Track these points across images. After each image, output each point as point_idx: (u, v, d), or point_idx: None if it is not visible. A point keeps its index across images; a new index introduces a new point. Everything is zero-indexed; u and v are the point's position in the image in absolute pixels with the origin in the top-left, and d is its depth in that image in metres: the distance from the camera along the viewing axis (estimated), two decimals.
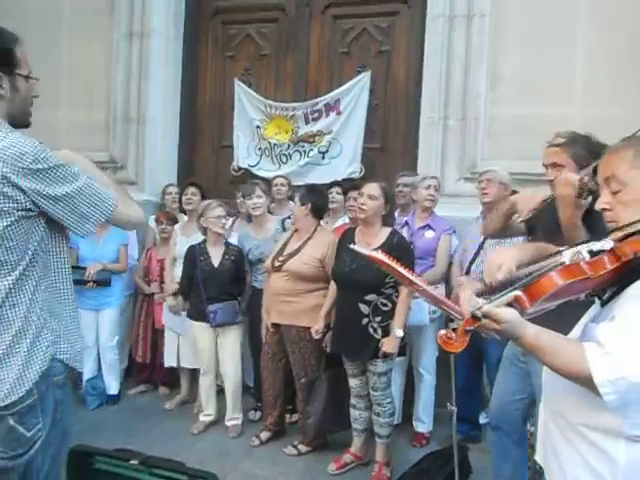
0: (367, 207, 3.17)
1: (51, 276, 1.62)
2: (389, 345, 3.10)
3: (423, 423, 3.75)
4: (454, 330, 1.33)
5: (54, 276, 1.63)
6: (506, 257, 1.52)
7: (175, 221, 4.42)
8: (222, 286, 3.76)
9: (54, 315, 1.62)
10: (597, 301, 1.47)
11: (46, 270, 1.60)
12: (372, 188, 3.20)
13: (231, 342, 3.83)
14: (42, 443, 1.58)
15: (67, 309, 1.67)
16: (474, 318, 1.31)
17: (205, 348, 3.87)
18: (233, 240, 4.06)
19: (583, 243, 1.42)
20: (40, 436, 1.57)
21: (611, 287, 1.40)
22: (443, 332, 1.34)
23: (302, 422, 3.57)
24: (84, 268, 4.09)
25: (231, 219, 3.85)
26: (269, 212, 4.11)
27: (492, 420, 2.64)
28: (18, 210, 1.50)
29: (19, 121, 1.65)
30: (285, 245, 3.61)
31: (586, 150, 2.15)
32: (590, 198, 1.99)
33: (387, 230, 3.24)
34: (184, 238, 4.20)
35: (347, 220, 4.07)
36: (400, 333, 3.09)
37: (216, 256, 3.80)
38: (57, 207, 1.54)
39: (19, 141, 1.50)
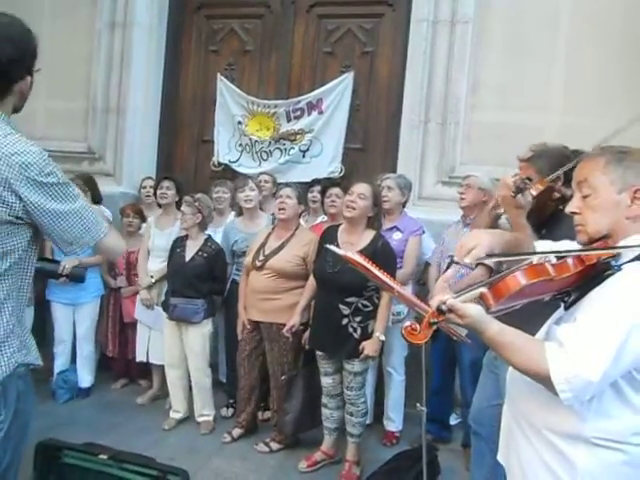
0: (357, 206, 3.17)
1: (20, 283, 1.60)
2: (370, 348, 3.12)
3: (393, 422, 3.77)
4: (419, 322, 1.36)
5: (23, 283, 1.61)
6: (479, 242, 1.48)
7: (142, 214, 4.36)
8: (188, 281, 3.71)
9: (19, 320, 1.60)
10: (562, 304, 1.51)
11: (20, 278, 1.59)
12: (363, 188, 3.20)
13: (194, 338, 3.76)
14: (4, 435, 1.55)
15: (24, 313, 1.65)
16: (439, 311, 1.34)
17: (168, 341, 3.85)
18: (219, 234, 4.03)
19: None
20: (2, 428, 1.54)
21: (575, 291, 1.44)
22: (408, 323, 1.37)
23: (279, 419, 3.56)
24: (58, 262, 3.98)
25: (201, 215, 3.80)
26: (260, 208, 4.09)
27: (471, 424, 2.67)
28: (9, 215, 1.49)
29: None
30: (264, 243, 3.59)
31: (549, 164, 2.23)
32: (530, 198, 2.14)
33: (371, 233, 3.24)
34: (158, 231, 4.18)
35: (325, 219, 4.05)
36: (382, 337, 3.13)
37: (191, 251, 3.78)
38: (52, 222, 1.53)
39: (29, 149, 1.49)
